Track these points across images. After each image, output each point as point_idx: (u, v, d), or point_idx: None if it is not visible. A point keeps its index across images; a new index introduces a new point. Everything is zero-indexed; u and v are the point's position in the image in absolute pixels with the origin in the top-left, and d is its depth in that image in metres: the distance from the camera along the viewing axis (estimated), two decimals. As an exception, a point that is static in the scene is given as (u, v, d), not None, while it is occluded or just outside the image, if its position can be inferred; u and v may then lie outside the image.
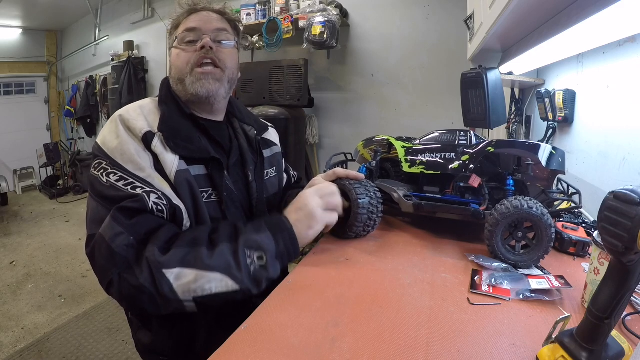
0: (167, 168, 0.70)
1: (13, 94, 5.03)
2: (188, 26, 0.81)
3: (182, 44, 0.80)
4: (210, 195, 0.76)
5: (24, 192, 4.91)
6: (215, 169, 0.76)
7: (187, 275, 0.60)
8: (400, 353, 0.47)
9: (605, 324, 0.40)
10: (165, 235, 0.65)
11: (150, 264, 0.60)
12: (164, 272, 0.60)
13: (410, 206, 0.82)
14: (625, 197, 0.36)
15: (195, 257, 0.62)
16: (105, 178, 0.68)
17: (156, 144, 0.71)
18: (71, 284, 2.52)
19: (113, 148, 0.70)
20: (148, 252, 0.62)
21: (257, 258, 0.64)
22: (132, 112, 0.75)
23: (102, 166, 0.69)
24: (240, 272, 0.62)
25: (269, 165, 0.94)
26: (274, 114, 2.55)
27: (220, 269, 0.61)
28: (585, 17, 0.64)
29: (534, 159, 0.74)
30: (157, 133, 0.72)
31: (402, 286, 0.63)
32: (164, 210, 0.68)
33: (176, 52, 0.81)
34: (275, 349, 0.47)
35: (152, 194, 0.67)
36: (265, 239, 0.66)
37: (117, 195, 0.66)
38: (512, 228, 0.70)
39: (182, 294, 0.61)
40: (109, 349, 1.84)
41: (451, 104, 2.30)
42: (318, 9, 2.44)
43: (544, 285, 0.59)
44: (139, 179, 0.68)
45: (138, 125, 0.72)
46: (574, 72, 1.23)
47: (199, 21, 0.81)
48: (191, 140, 0.75)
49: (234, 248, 0.64)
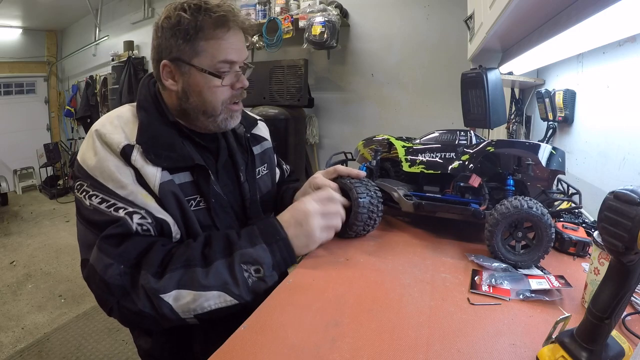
0: (150, 181, 0.67)
1: (13, 94, 5.03)
2: (227, 57, 0.72)
3: (216, 74, 0.72)
4: (198, 202, 0.74)
5: (24, 192, 4.92)
6: (201, 176, 0.73)
7: (185, 297, 0.61)
8: (400, 353, 0.47)
9: (605, 324, 0.40)
10: (156, 257, 0.63)
11: (146, 291, 0.60)
12: (162, 296, 0.60)
13: (410, 205, 0.82)
14: (625, 197, 0.36)
15: (192, 278, 0.61)
16: (88, 201, 0.65)
17: (135, 158, 0.67)
18: (71, 284, 2.52)
19: (92, 166, 0.67)
20: (142, 280, 0.61)
21: (254, 271, 0.64)
22: (108, 125, 0.70)
23: (83, 188, 0.67)
24: (238, 287, 0.63)
25: (260, 163, 0.91)
26: (274, 114, 2.55)
27: (217, 287, 0.62)
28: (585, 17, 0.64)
29: (534, 159, 0.74)
30: (136, 145, 0.68)
31: (402, 286, 0.63)
32: (150, 229, 0.66)
33: (209, 84, 0.72)
34: (275, 349, 0.47)
35: (134, 214, 0.65)
36: (261, 251, 0.65)
37: (101, 220, 0.64)
38: (512, 228, 0.70)
39: (183, 313, 0.62)
40: (109, 349, 1.84)
41: (451, 104, 2.30)
42: (318, 9, 2.44)
43: (544, 285, 0.59)
44: (120, 198, 0.65)
45: (115, 139, 0.68)
46: (574, 72, 1.23)
47: (235, 51, 0.73)
48: (173, 147, 0.71)
49: (229, 263, 0.63)
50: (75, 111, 4.95)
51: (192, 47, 0.70)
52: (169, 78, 0.73)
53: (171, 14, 0.70)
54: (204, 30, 0.69)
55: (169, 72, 0.73)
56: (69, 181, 4.88)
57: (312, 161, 3.00)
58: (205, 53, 0.71)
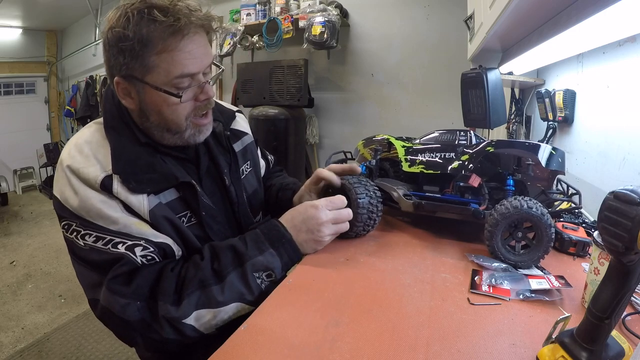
0: (138, 210, 0.64)
1: (13, 94, 5.02)
2: (184, 71, 0.62)
3: (173, 93, 0.63)
4: (189, 218, 0.71)
5: (24, 192, 4.91)
6: (187, 192, 0.69)
7: (205, 315, 0.62)
8: (400, 353, 0.47)
9: (605, 324, 0.40)
10: (169, 285, 0.62)
11: (168, 321, 0.60)
12: (184, 322, 0.61)
13: (410, 205, 0.82)
14: (625, 197, 0.36)
15: (208, 298, 0.62)
16: (82, 241, 0.62)
17: (117, 190, 0.62)
18: (71, 284, 2.51)
19: (76, 206, 0.62)
20: (162, 310, 0.60)
21: (265, 276, 0.66)
22: (79, 157, 0.64)
23: (73, 228, 0.62)
24: (253, 294, 0.64)
25: (243, 160, 0.87)
26: (274, 114, 2.55)
27: (235, 300, 0.63)
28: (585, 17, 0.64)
29: (534, 159, 0.74)
30: (114, 176, 0.63)
31: (402, 286, 0.63)
32: (154, 257, 0.65)
33: (167, 101, 0.64)
34: (275, 349, 0.47)
35: (135, 247, 0.62)
36: (270, 257, 0.66)
37: (101, 260, 0.61)
38: (512, 228, 0.70)
39: (205, 330, 0.63)
40: (109, 349, 1.84)
41: (451, 104, 2.30)
42: (318, 9, 2.44)
43: (544, 285, 0.59)
44: (115, 233, 0.62)
45: (91, 173, 0.62)
46: (574, 72, 1.23)
47: (193, 61, 0.62)
48: (153, 167, 0.66)
49: (241, 274, 0.64)
50: (75, 111, 4.95)
51: (141, 63, 0.61)
52: (125, 96, 0.66)
53: (115, 25, 0.60)
54: (152, 42, 0.59)
55: (124, 88, 0.65)
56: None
57: (312, 161, 3.00)
58: (157, 69, 0.61)
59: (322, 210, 0.71)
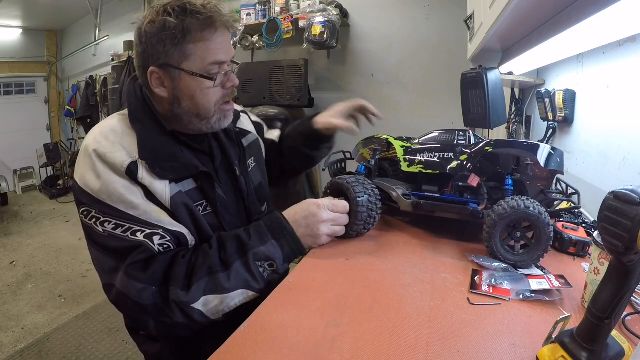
0: (160, 196, 0.68)
1: (13, 94, 5.02)
2: (217, 58, 0.70)
3: (208, 76, 0.70)
4: (205, 207, 0.76)
5: (24, 192, 4.91)
6: (205, 182, 0.74)
7: (213, 301, 0.65)
8: (400, 353, 0.47)
9: (605, 324, 0.40)
10: (180, 271, 0.65)
11: (178, 305, 0.64)
12: (192, 306, 0.64)
13: (409, 205, 0.82)
14: (625, 197, 0.36)
15: (216, 284, 0.65)
16: (101, 228, 0.65)
17: (142, 175, 0.66)
18: (71, 284, 2.52)
19: (98, 190, 0.65)
20: (172, 295, 0.64)
21: (267, 266, 0.70)
22: (105, 142, 0.67)
23: (92, 215, 0.65)
24: (257, 282, 0.68)
25: (249, 156, 0.92)
26: (274, 114, 2.55)
27: (240, 286, 0.67)
28: (585, 17, 0.64)
29: (533, 159, 0.74)
30: (141, 162, 0.67)
31: (402, 286, 0.63)
32: (170, 245, 0.69)
33: (201, 86, 0.71)
34: (275, 349, 0.47)
35: (154, 235, 0.66)
36: (271, 247, 0.70)
37: (120, 246, 0.65)
38: (511, 228, 0.70)
39: (212, 315, 0.66)
40: (109, 349, 1.84)
41: (451, 104, 2.29)
42: (318, 9, 2.44)
43: (544, 285, 0.59)
44: (134, 219, 0.65)
45: (117, 158, 0.66)
46: (574, 72, 1.22)
47: (223, 50, 0.71)
48: (175, 157, 0.71)
49: (245, 263, 0.67)
50: (75, 111, 4.95)
51: (180, 51, 0.68)
52: (159, 85, 0.71)
53: (155, 18, 0.67)
54: (191, 33, 0.67)
55: (158, 78, 0.70)
56: (69, 181, 4.88)
57: (312, 161, 2.99)
58: (194, 56, 0.69)
59: (324, 210, 0.75)
